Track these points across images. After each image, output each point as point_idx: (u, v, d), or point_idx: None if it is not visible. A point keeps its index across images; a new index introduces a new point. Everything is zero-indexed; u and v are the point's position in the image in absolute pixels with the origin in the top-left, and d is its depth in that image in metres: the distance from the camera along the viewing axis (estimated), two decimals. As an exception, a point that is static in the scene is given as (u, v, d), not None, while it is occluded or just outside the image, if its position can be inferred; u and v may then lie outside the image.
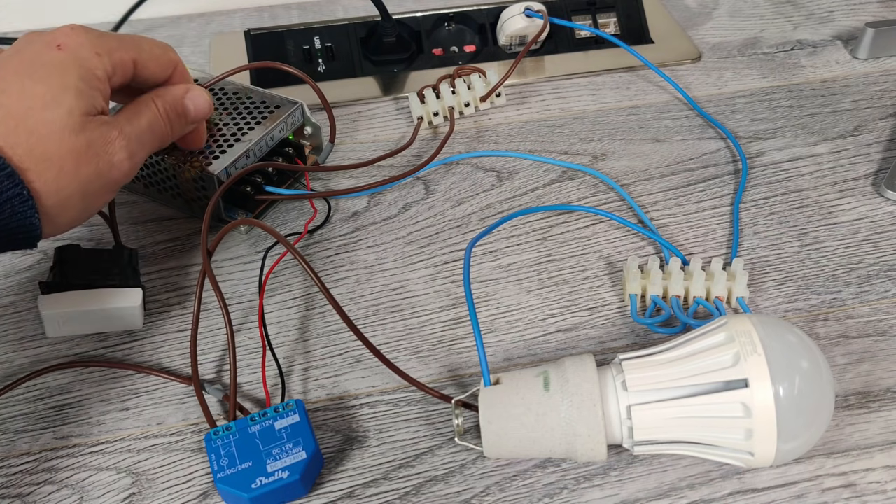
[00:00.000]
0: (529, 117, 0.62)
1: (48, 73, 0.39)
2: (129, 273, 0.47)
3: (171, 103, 0.45)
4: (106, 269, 0.47)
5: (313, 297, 0.49)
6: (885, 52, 0.66)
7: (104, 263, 0.47)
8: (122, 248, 0.48)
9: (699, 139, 0.59)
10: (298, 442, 0.39)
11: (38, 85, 0.39)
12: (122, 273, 0.47)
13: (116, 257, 0.47)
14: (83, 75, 0.40)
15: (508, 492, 0.40)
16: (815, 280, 0.49)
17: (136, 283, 0.47)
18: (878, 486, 0.39)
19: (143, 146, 0.43)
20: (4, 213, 0.37)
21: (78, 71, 0.40)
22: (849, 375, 0.44)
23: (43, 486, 0.41)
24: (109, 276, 0.46)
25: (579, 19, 0.69)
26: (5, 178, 0.37)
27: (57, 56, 0.40)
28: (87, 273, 0.46)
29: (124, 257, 0.48)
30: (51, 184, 0.38)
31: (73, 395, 0.45)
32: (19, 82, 0.39)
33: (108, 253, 0.48)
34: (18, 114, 0.38)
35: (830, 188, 0.55)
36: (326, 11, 0.74)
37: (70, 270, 0.46)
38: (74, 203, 0.40)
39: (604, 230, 0.53)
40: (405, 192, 0.56)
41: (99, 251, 0.48)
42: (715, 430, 0.37)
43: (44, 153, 0.38)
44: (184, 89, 0.46)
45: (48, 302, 0.45)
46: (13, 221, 0.37)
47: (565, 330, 0.47)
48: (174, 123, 0.46)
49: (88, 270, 0.46)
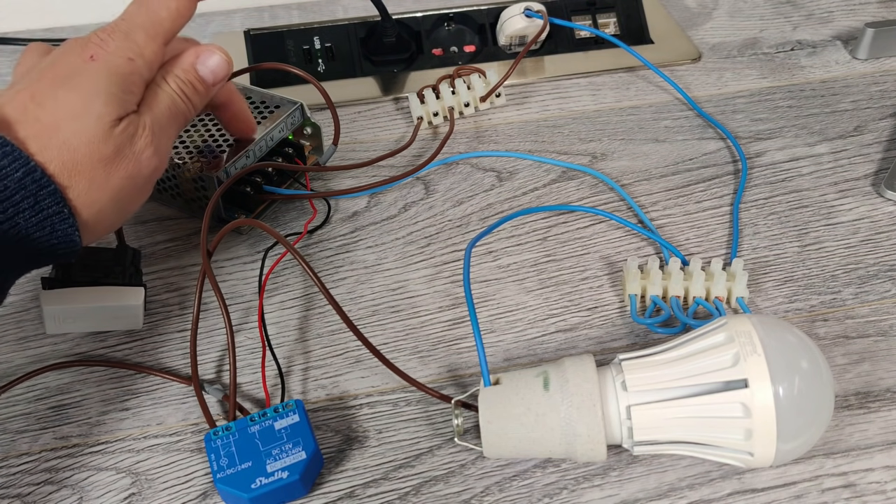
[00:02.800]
0: (529, 117, 0.62)
1: (79, 84, 0.39)
2: (131, 272, 0.47)
3: (183, 78, 0.43)
4: (109, 267, 0.47)
5: (313, 297, 0.49)
6: (884, 53, 0.66)
7: (107, 262, 0.47)
8: (125, 248, 0.48)
9: (699, 139, 0.59)
10: (298, 442, 0.39)
11: (70, 94, 0.38)
12: (124, 272, 0.47)
13: (120, 256, 0.47)
14: (117, 81, 0.39)
15: (508, 492, 0.40)
16: (814, 280, 0.49)
17: (138, 283, 0.47)
18: (878, 487, 0.39)
19: (167, 134, 0.42)
20: (45, 231, 0.37)
21: (110, 78, 0.39)
22: (849, 375, 0.44)
23: (43, 486, 0.41)
24: (112, 275, 0.46)
25: (579, 19, 0.69)
26: (48, 196, 0.37)
27: (90, 67, 0.39)
28: (89, 270, 0.46)
29: (127, 257, 0.48)
30: (83, 197, 0.38)
31: (73, 395, 0.45)
32: (53, 94, 0.38)
33: (112, 252, 0.48)
34: (52, 126, 0.38)
35: (830, 188, 0.55)
36: (326, 11, 0.74)
37: (73, 267, 0.46)
38: (108, 212, 0.40)
39: (604, 230, 0.53)
40: (405, 192, 0.56)
41: (102, 249, 0.48)
42: (715, 430, 0.37)
43: (75, 166, 0.38)
44: (193, 55, 0.44)
45: (50, 297, 0.45)
46: (54, 238, 0.38)
47: (565, 330, 0.47)
48: (193, 98, 0.43)
49: (91, 268, 0.46)
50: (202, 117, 0.54)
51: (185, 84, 0.43)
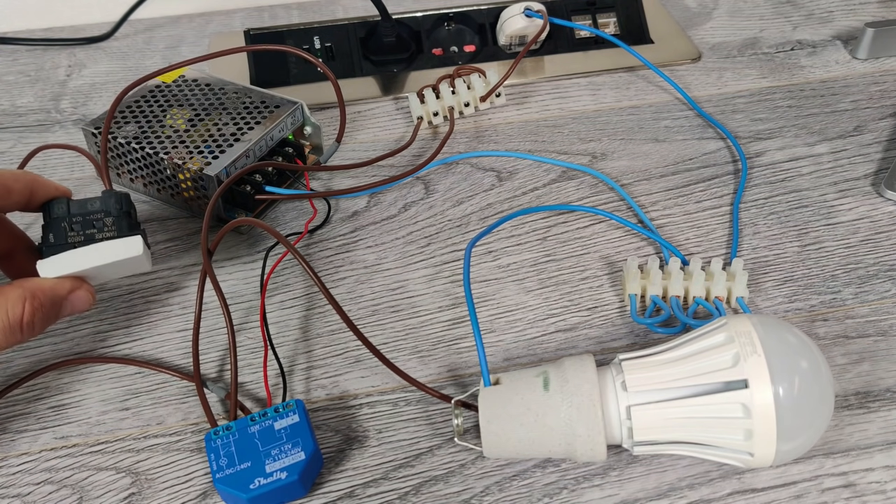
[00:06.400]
0: (529, 117, 0.62)
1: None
2: (123, 221, 0.45)
3: (46, 305, 0.40)
4: (99, 220, 0.44)
5: (313, 297, 0.49)
6: (884, 52, 0.66)
7: (96, 214, 0.44)
8: (111, 194, 0.45)
9: (699, 139, 0.59)
10: (297, 442, 0.39)
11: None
12: (116, 222, 0.44)
13: (107, 205, 0.45)
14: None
15: (508, 492, 0.40)
16: (814, 280, 0.49)
17: (133, 230, 0.45)
18: (878, 486, 0.39)
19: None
20: None
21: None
22: (848, 375, 0.44)
23: (43, 486, 0.41)
24: (105, 228, 0.44)
25: (579, 19, 0.69)
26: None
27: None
28: (82, 227, 0.44)
29: (115, 204, 0.45)
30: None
31: (73, 395, 0.45)
32: None
33: (99, 200, 0.45)
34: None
35: (830, 188, 0.55)
36: (326, 11, 0.74)
37: (64, 228, 0.44)
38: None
39: (603, 230, 0.53)
40: (405, 191, 0.56)
41: (88, 201, 0.45)
42: (714, 430, 0.37)
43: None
44: (66, 288, 0.41)
45: (47, 267, 0.42)
46: None
47: (565, 330, 0.47)
48: (36, 326, 0.40)
49: (82, 224, 0.44)
50: (202, 117, 0.54)
51: (41, 311, 0.40)
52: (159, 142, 0.53)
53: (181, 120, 0.54)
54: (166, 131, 0.53)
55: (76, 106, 0.65)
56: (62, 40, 0.72)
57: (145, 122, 0.54)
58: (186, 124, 0.54)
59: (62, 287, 0.41)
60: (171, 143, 0.52)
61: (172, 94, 0.56)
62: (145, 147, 0.52)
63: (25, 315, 0.39)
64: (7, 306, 0.39)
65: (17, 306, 0.39)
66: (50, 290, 0.41)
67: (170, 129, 0.54)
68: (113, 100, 0.58)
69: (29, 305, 0.39)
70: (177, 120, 0.54)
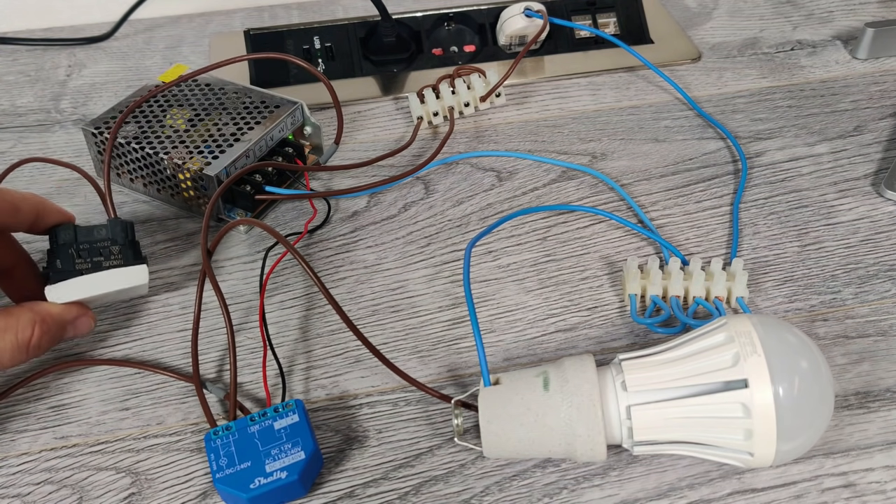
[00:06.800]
0: (529, 117, 0.62)
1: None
2: (129, 250, 0.46)
3: (52, 329, 0.41)
4: (106, 248, 0.45)
5: (313, 297, 0.49)
6: (884, 52, 0.66)
7: (103, 242, 0.45)
8: (117, 222, 0.46)
9: (699, 139, 0.59)
10: (297, 442, 0.39)
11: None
12: (122, 251, 0.45)
13: (114, 233, 0.46)
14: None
15: (508, 492, 0.40)
16: (814, 280, 0.49)
17: (138, 258, 0.46)
18: (878, 486, 0.39)
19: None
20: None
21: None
22: (848, 375, 0.44)
23: (43, 486, 0.41)
24: (112, 256, 0.45)
25: (579, 19, 0.69)
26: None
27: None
28: (88, 255, 0.45)
29: (122, 232, 0.46)
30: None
31: (73, 395, 0.45)
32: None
33: (105, 228, 0.46)
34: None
35: (830, 188, 0.55)
36: (326, 11, 0.74)
37: (71, 255, 0.44)
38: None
39: (603, 230, 0.53)
40: (405, 191, 0.56)
41: (94, 228, 0.46)
42: (714, 430, 0.37)
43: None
44: (73, 314, 0.43)
45: (56, 292, 0.43)
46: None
47: (565, 330, 0.47)
48: (42, 348, 0.41)
49: (89, 251, 0.45)
50: (202, 117, 0.54)
51: (47, 336, 0.42)
52: (159, 142, 0.53)
53: (181, 120, 0.54)
54: (166, 131, 0.53)
55: (76, 106, 0.65)
56: (62, 40, 0.72)
57: (145, 122, 0.54)
58: (186, 124, 0.54)
59: (69, 313, 0.43)
60: (171, 143, 0.52)
61: (172, 93, 0.56)
62: (145, 147, 0.52)
63: (34, 338, 0.41)
64: (18, 328, 0.40)
65: (27, 329, 0.40)
66: (58, 315, 0.42)
67: (170, 129, 0.54)
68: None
69: (38, 329, 0.41)
70: (177, 120, 0.54)
